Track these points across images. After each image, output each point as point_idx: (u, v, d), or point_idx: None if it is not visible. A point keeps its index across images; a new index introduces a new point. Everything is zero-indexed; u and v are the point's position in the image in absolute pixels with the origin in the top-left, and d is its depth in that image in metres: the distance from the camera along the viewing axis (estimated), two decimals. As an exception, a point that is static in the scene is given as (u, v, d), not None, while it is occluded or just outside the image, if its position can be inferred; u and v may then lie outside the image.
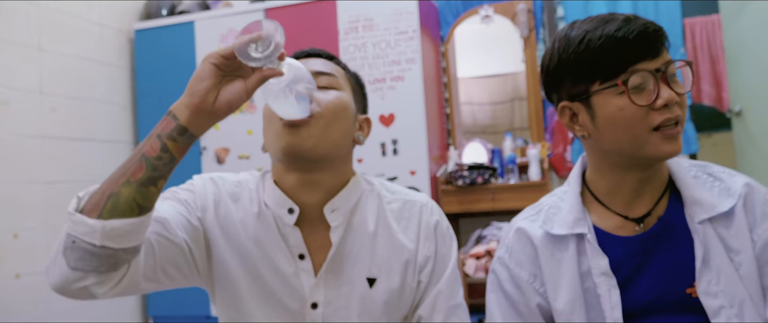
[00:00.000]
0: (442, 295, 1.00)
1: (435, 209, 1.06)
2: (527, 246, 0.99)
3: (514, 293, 0.99)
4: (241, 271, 0.98)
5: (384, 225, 1.01)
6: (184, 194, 0.99)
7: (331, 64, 1.03)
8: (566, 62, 0.90)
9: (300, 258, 0.98)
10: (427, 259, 1.01)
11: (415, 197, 1.06)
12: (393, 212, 1.03)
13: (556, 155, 3.13)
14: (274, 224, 0.99)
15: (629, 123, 0.87)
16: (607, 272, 0.92)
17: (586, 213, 0.97)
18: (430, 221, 1.03)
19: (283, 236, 0.98)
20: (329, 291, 0.98)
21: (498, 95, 3.62)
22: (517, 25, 3.28)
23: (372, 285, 0.98)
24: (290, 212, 0.97)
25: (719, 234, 0.90)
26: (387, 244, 1.00)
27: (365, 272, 0.99)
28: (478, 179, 2.91)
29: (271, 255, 0.97)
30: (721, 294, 0.88)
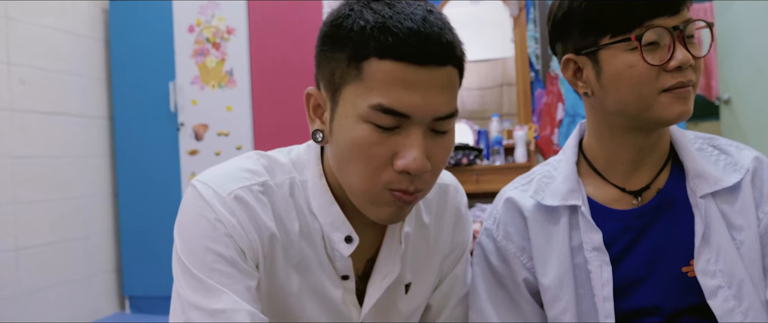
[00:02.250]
0: (458, 280, 0.93)
1: (462, 190, 0.94)
2: (516, 217, 0.93)
3: (500, 266, 0.93)
4: (276, 310, 0.78)
5: (419, 223, 0.87)
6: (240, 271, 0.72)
7: (453, 73, 0.70)
8: (576, 11, 0.82)
9: (343, 279, 0.81)
10: (454, 248, 0.92)
11: (447, 179, 0.91)
12: (427, 202, 0.88)
13: (543, 138, 3.09)
14: (322, 241, 0.78)
15: (637, 82, 0.80)
16: (599, 247, 0.86)
17: (581, 184, 0.90)
18: (461, 207, 0.92)
19: (330, 258, 0.79)
20: (373, 309, 0.84)
21: (487, 80, 3.58)
22: (506, 4, 3.21)
23: (408, 291, 0.87)
24: (348, 241, 0.77)
25: (722, 210, 0.85)
26: (421, 244, 0.87)
27: (404, 279, 0.86)
28: (463, 160, 2.86)
29: (317, 279, 0.79)
30: (720, 273, 0.82)
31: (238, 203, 0.73)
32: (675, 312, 0.85)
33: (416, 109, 0.66)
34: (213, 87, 3.03)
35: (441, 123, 0.69)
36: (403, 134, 0.68)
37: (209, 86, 3.03)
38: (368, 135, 0.67)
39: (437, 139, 0.70)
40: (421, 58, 0.65)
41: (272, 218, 0.75)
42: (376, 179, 0.69)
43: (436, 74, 0.67)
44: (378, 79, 0.66)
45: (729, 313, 0.81)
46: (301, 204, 0.78)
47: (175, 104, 3.05)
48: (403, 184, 0.69)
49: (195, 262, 0.71)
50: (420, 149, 0.67)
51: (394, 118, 0.67)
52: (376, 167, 0.68)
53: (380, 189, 0.70)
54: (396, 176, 0.68)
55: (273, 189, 0.77)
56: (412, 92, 0.66)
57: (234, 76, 3.03)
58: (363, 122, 0.68)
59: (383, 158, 0.68)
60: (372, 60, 0.66)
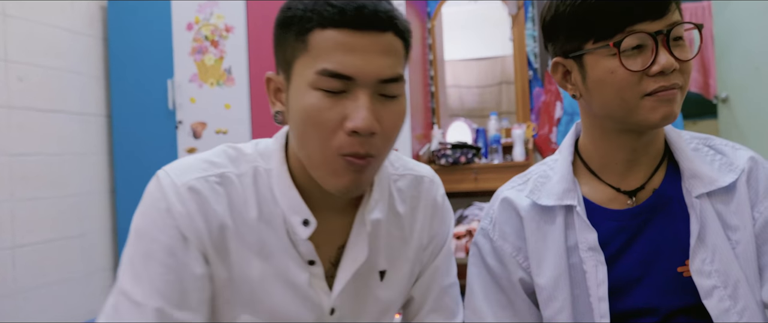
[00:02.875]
0: (438, 272, 0.93)
1: (440, 183, 0.96)
2: (512, 217, 0.93)
3: (496, 266, 0.93)
4: (239, 297, 0.81)
5: (392, 211, 0.89)
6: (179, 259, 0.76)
7: (395, 40, 0.74)
8: (563, 15, 0.83)
9: (310, 264, 0.83)
10: (432, 238, 0.93)
11: (423, 171, 0.94)
12: (400, 192, 0.90)
13: (541, 136, 3.08)
14: (284, 226, 0.81)
15: (619, 87, 0.80)
16: (594, 247, 0.86)
17: (576, 184, 0.91)
18: (437, 198, 0.93)
19: (293, 243, 0.81)
20: (344, 293, 0.85)
21: (486, 79, 3.58)
22: (505, 2, 3.20)
23: (383, 278, 0.88)
24: (305, 224, 0.80)
25: (717, 210, 0.85)
26: (396, 233, 0.89)
27: (377, 265, 0.88)
28: (461, 159, 2.86)
29: (281, 264, 0.81)
30: (715, 273, 0.82)
31: (191, 193, 0.77)
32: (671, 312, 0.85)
33: (358, 71, 0.71)
34: (211, 85, 3.02)
35: (387, 86, 0.73)
36: (351, 97, 0.72)
37: (207, 84, 3.02)
38: (318, 101, 0.72)
39: (386, 103, 0.74)
40: (360, 24, 0.70)
41: (226, 208, 0.79)
42: (328, 145, 0.72)
43: (377, 39, 0.71)
44: (322, 48, 0.71)
45: (724, 313, 0.81)
46: (263, 192, 0.81)
47: (174, 102, 3.05)
48: (354, 147, 0.72)
49: (138, 249, 0.77)
50: (367, 110, 0.71)
51: (340, 81, 0.71)
52: (327, 132, 0.72)
53: (334, 156, 0.73)
54: (347, 139, 0.72)
55: (231, 179, 0.80)
56: (353, 55, 0.70)
57: (232, 74, 3.03)
58: (312, 90, 0.72)
59: (334, 122, 0.72)
60: (315, 31, 0.71)
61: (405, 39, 0.75)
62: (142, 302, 0.74)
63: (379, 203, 0.86)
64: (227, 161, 0.82)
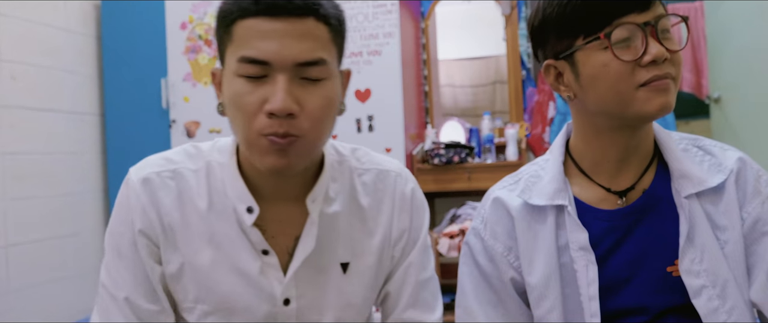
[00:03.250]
0: (412, 267, 0.94)
1: (409, 177, 0.97)
2: (504, 216, 0.94)
3: (487, 266, 0.93)
4: (192, 286, 0.85)
5: (354, 203, 0.91)
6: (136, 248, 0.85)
7: (316, 26, 0.77)
8: (550, 17, 0.83)
9: (264, 254, 0.86)
10: (402, 233, 0.93)
11: (389, 166, 0.96)
12: (365, 186, 0.93)
13: (534, 136, 3.10)
14: (234, 216, 0.85)
15: (614, 80, 0.81)
16: (585, 246, 0.87)
17: (567, 184, 0.91)
18: (405, 191, 0.94)
19: (245, 232, 0.85)
20: (302, 284, 0.87)
21: (479, 78, 3.59)
22: (498, 2, 3.21)
23: (346, 270, 0.90)
24: (249, 211, 0.84)
25: (706, 210, 0.85)
26: (358, 225, 0.91)
27: (337, 257, 0.90)
28: (454, 158, 2.87)
29: (231, 253, 0.85)
30: (704, 273, 0.83)
31: (144, 185, 0.85)
32: (660, 311, 0.85)
33: (274, 55, 0.74)
34: (205, 84, 3.02)
35: (307, 70, 0.76)
36: (270, 82, 0.76)
37: (201, 83, 3.02)
38: (240, 87, 0.76)
39: (309, 87, 0.77)
40: (275, 11, 0.74)
41: (175, 199, 0.85)
42: (251, 127, 0.76)
43: (294, 25, 0.75)
44: (242, 36, 0.76)
45: (713, 313, 0.82)
46: (215, 184, 0.87)
47: (167, 101, 3.04)
48: (274, 127, 0.75)
49: (110, 243, 0.87)
50: (283, 92, 0.74)
51: (258, 67, 0.75)
52: (249, 115, 0.76)
53: (256, 136, 0.77)
54: (267, 121, 0.75)
55: (183, 174, 0.87)
56: (269, 41, 0.74)
57: (226, 73, 3.03)
58: (236, 77, 0.77)
59: (254, 105, 0.76)
60: (238, 22, 0.76)
61: (329, 24, 0.78)
62: (115, 294, 0.85)
63: (340, 195, 0.90)
64: (185, 158, 0.89)
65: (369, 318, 0.96)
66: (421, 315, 0.93)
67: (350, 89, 2.82)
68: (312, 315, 0.88)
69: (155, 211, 0.85)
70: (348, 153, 0.95)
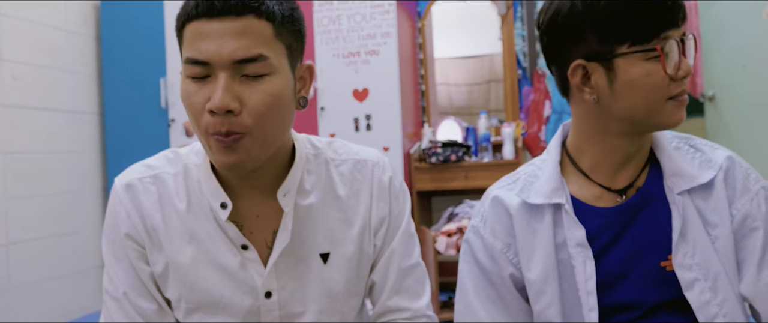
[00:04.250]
0: (395, 254, 0.94)
1: (387, 166, 0.97)
2: (502, 214, 0.96)
3: (487, 262, 0.95)
4: (177, 284, 0.89)
5: (331, 194, 0.93)
6: (125, 250, 0.89)
7: (257, 23, 0.78)
8: (593, 15, 0.84)
9: (243, 249, 0.88)
10: (382, 220, 0.94)
11: (367, 156, 0.97)
12: (342, 177, 0.94)
13: (530, 135, 3.12)
14: (211, 214, 0.88)
15: (651, 90, 0.83)
16: (582, 243, 0.89)
17: (564, 183, 0.94)
18: (383, 179, 0.95)
19: (222, 228, 0.88)
20: (282, 276, 0.89)
21: (474, 77, 3.60)
22: (495, 2, 3.23)
23: (326, 261, 0.91)
24: (223, 207, 0.86)
25: (697, 207, 0.88)
26: (336, 215, 0.92)
27: (317, 248, 0.91)
28: (451, 157, 2.89)
29: (211, 249, 0.88)
30: (696, 266, 0.86)
31: (127, 190, 0.89)
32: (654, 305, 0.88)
33: (212, 55, 0.76)
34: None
35: (247, 67, 0.77)
36: (213, 81, 0.77)
37: (200, 83, 3.03)
38: (188, 87, 0.79)
39: (251, 84, 0.78)
40: (212, 12, 0.76)
41: (156, 202, 0.89)
42: (200, 126, 0.79)
43: (231, 24, 0.76)
44: (188, 39, 0.78)
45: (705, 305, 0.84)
46: (192, 185, 0.90)
47: (166, 101, 3.06)
48: (216, 126, 0.77)
49: (104, 248, 0.90)
50: (221, 90, 0.76)
51: (199, 67, 0.77)
52: (197, 114, 0.78)
53: (205, 135, 0.79)
54: (211, 119, 0.77)
55: (163, 178, 0.90)
56: (208, 41, 0.76)
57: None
58: (185, 79, 0.80)
59: (200, 105, 0.78)
60: (186, 26, 0.79)
61: (272, 20, 0.79)
62: (115, 294, 0.89)
63: (316, 187, 0.92)
64: (164, 163, 0.92)
65: (361, 309, 0.98)
66: (406, 302, 0.94)
67: (348, 89, 2.87)
68: (295, 306, 0.90)
69: (138, 214, 0.88)
70: (324, 146, 0.96)
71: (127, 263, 0.89)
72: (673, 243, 0.87)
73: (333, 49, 2.88)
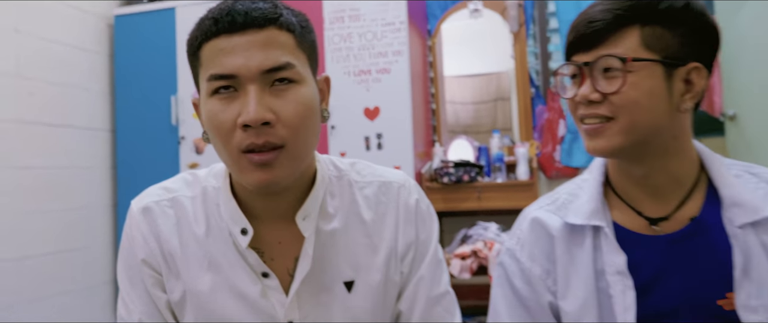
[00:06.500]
0: (423, 282, 0.89)
1: (413, 188, 0.93)
2: (542, 237, 0.90)
3: (524, 289, 0.90)
4: (195, 312, 0.84)
5: (356, 218, 0.88)
6: (143, 276, 0.85)
7: (279, 34, 0.77)
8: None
9: (264, 277, 0.84)
10: (409, 246, 0.89)
11: (392, 177, 0.92)
12: (367, 200, 0.89)
13: (544, 155, 3.06)
14: (231, 239, 0.84)
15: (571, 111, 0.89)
16: (622, 270, 0.83)
17: (606, 206, 0.88)
18: (409, 202, 0.90)
19: (242, 255, 0.84)
20: (305, 305, 0.84)
21: (481, 95, 3.56)
22: (507, 19, 3.20)
23: (351, 289, 0.86)
24: (243, 233, 0.82)
25: (763, 242, 0.80)
26: (361, 240, 0.87)
27: (341, 276, 0.86)
28: (464, 177, 2.84)
29: (230, 276, 0.84)
30: (762, 309, 0.78)
31: (144, 214, 0.86)
32: None
33: (239, 67, 0.74)
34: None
35: (276, 75, 0.75)
36: (242, 95, 0.75)
37: (212, 100, 3.04)
38: (214, 106, 0.76)
39: (282, 94, 0.75)
40: (234, 27, 0.74)
41: (173, 227, 0.86)
42: (230, 144, 0.75)
43: (254, 37, 0.75)
44: (209, 57, 0.76)
45: None
46: (211, 208, 0.86)
47: (177, 118, 3.07)
48: (250, 139, 0.73)
49: (120, 273, 0.87)
50: (254, 102, 0.73)
51: (226, 81, 0.75)
52: (226, 133, 0.75)
53: (237, 154, 0.75)
54: (243, 135, 0.74)
55: (181, 202, 0.87)
56: (233, 55, 0.74)
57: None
58: (209, 98, 0.77)
59: (229, 122, 0.75)
60: (203, 46, 0.77)
61: (292, 31, 0.78)
62: (129, 321, 0.85)
63: (340, 211, 0.87)
64: (182, 186, 0.89)
65: None
66: None
67: (359, 107, 2.85)
68: None
69: (155, 239, 0.85)
70: (347, 167, 0.92)
71: (143, 289, 0.85)
72: (734, 280, 0.79)
73: (344, 68, 2.87)
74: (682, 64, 0.81)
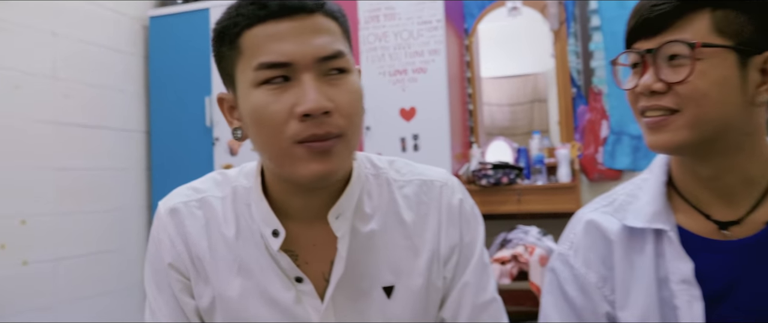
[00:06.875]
0: (468, 288, 0.83)
1: (457, 187, 0.87)
2: (599, 242, 0.83)
3: (578, 297, 0.83)
4: (225, 319, 0.80)
5: (395, 219, 0.83)
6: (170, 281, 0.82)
7: (326, 21, 0.73)
8: None
9: (297, 282, 0.79)
10: (452, 249, 0.83)
11: (434, 176, 0.86)
12: (407, 199, 0.84)
13: (586, 156, 2.96)
14: (263, 242, 0.80)
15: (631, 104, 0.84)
16: (688, 279, 0.76)
17: (669, 208, 0.81)
18: (453, 202, 0.84)
19: (275, 258, 0.79)
20: (342, 312, 0.80)
21: (517, 96, 3.50)
22: (546, 17, 3.11)
23: (390, 295, 0.81)
24: (274, 235, 0.78)
25: None
26: (401, 243, 0.82)
27: (380, 280, 0.81)
28: (503, 179, 2.77)
29: (262, 281, 0.79)
30: None
31: (172, 215, 0.82)
32: None
33: (294, 54, 0.69)
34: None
35: (330, 63, 0.71)
36: (295, 84, 0.70)
37: (245, 101, 3.02)
38: (263, 97, 0.70)
39: (335, 82, 0.72)
40: (283, 12, 0.70)
41: (203, 229, 0.81)
42: (283, 136, 0.70)
43: (306, 22, 0.70)
44: (254, 46, 0.70)
45: None
46: (242, 209, 0.82)
47: (211, 119, 3.06)
48: (311, 130, 0.69)
49: (147, 278, 0.84)
50: (314, 90, 0.69)
51: (279, 70, 0.70)
52: (278, 124, 0.70)
53: (290, 145, 0.70)
54: (301, 125, 0.69)
55: (210, 202, 0.82)
56: (285, 42, 0.69)
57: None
58: (255, 89, 0.71)
59: (283, 113, 0.70)
60: (244, 34, 0.71)
61: (337, 19, 0.75)
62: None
63: (378, 211, 0.82)
64: (212, 186, 0.85)
65: None
66: None
67: (395, 108, 2.79)
68: None
69: (183, 242, 0.81)
70: (385, 165, 0.87)
71: (170, 294, 0.82)
72: None
73: (379, 67, 2.82)
74: (757, 52, 0.73)
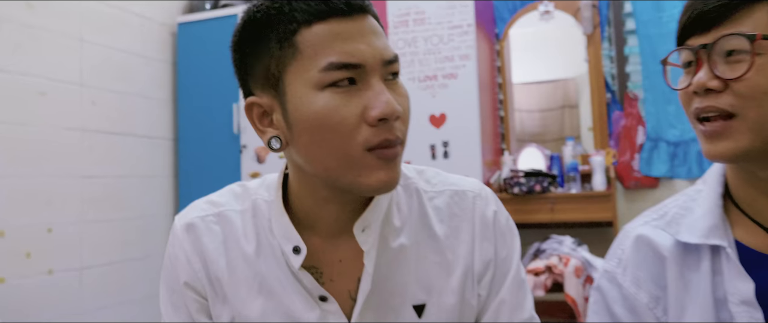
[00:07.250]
0: (504, 307, 0.78)
1: (491, 198, 0.81)
2: (649, 258, 0.77)
3: (627, 318, 0.77)
4: None
5: (426, 232, 0.78)
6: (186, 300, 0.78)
7: (374, 22, 0.71)
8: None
9: (322, 300, 0.74)
10: (487, 265, 0.78)
11: (466, 186, 0.81)
12: (438, 211, 0.79)
13: (622, 164, 2.87)
14: (284, 259, 0.75)
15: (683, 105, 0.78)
16: (749, 300, 0.70)
17: (726, 221, 0.75)
18: (487, 214, 0.79)
19: (296, 276, 0.75)
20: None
21: (548, 103, 3.42)
22: (580, 21, 3.04)
23: (421, 314, 0.76)
24: (295, 251, 0.73)
25: None
26: (433, 258, 0.77)
27: (410, 298, 0.76)
28: (536, 187, 2.69)
29: (284, 301, 0.75)
30: None
31: (188, 231, 0.78)
32: None
33: (365, 55, 0.66)
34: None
35: (390, 67, 0.68)
36: (364, 87, 0.66)
37: (272, 108, 2.99)
38: (330, 100, 0.65)
39: (394, 86, 0.69)
40: (345, 11, 0.66)
41: (221, 245, 0.77)
42: (353, 143, 0.66)
43: (365, 22, 0.67)
44: (316, 44, 0.65)
45: None
46: (262, 223, 0.77)
47: (239, 126, 3.03)
48: (384, 135, 0.66)
49: (162, 295, 0.80)
50: (387, 94, 0.66)
51: (349, 71, 0.65)
52: (348, 130, 0.65)
53: (360, 153, 0.66)
54: (372, 130, 0.66)
55: (229, 217, 0.78)
56: (353, 42, 0.66)
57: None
58: (320, 91, 0.66)
59: (353, 118, 0.65)
60: (302, 31, 0.66)
61: (378, 20, 0.72)
62: None
63: (407, 225, 0.77)
64: (231, 199, 0.80)
65: None
66: None
67: (424, 114, 2.74)
68: None
69: (200, 260, 0.77)
70: (414, 175, 0.82)
71: (186, 314, 0.78)
72: None
73: (409, 73, 2.77)
74: None
